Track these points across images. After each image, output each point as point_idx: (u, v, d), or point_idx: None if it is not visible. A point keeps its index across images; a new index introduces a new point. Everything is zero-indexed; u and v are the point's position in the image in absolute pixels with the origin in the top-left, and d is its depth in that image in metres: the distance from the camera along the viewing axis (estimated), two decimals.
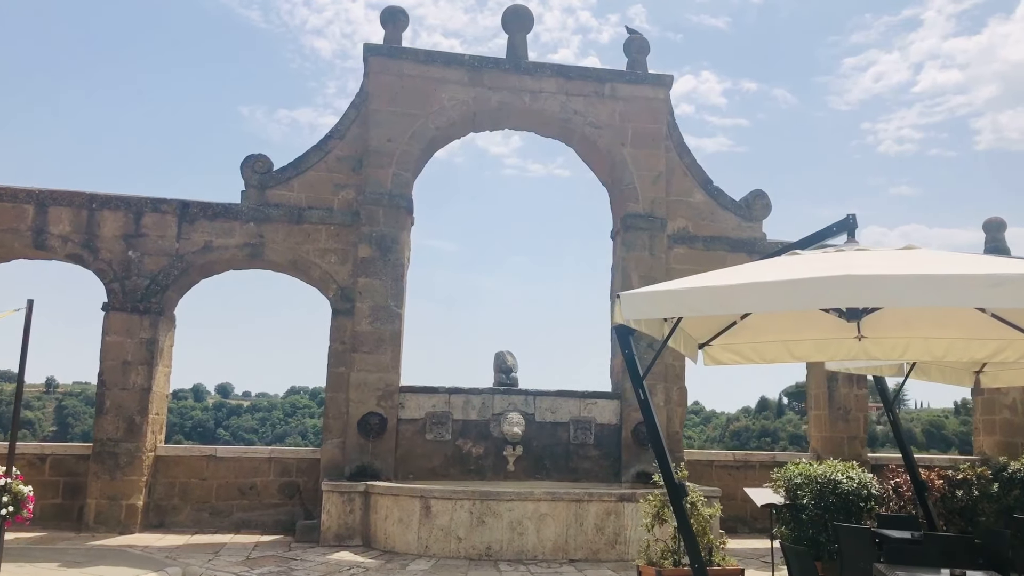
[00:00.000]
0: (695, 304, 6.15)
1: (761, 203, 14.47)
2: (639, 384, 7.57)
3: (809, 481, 9.82)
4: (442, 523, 10.75)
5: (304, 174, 13.38)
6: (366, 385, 12.73)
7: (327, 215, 13.24)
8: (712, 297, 6.04)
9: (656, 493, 9.63)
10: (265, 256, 13.02)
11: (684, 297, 6.19)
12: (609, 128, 14.07)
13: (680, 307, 6.23)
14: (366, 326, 12.88)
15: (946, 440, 75.46)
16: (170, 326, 13.18)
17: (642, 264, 13.75)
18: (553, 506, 10.83)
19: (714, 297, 6.03)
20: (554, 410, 13.38)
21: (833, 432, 14.20)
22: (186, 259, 12.75)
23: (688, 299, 6.16)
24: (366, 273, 13.00)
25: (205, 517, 12.72)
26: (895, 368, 9.97)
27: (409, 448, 12.89)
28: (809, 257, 6.88)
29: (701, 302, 6.12)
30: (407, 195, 13.40)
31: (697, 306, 6.17)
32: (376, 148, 13.36)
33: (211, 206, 12.94)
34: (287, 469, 13.13)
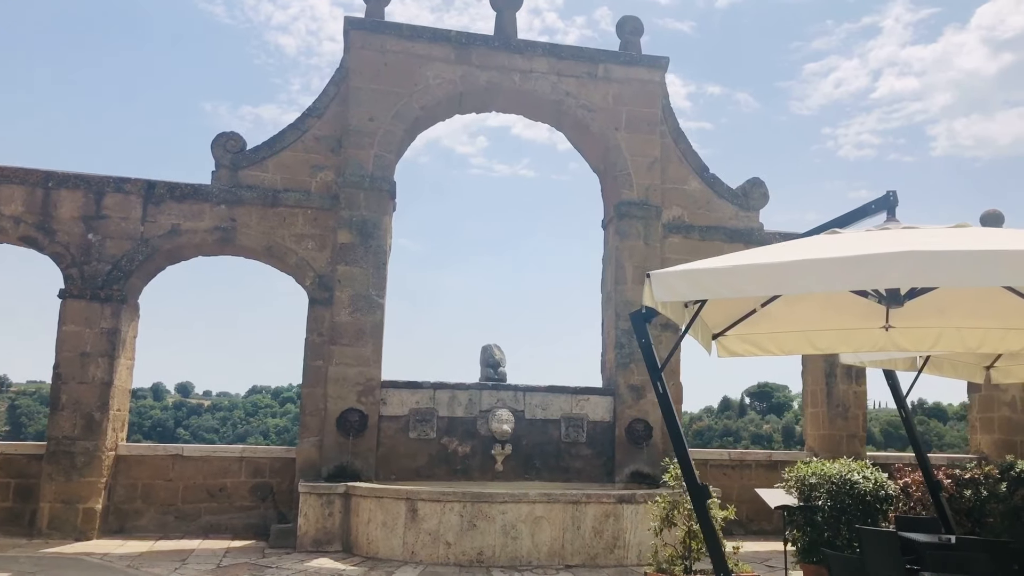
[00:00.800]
0: (738, 283, 5.49)
1: (758, 192, 13.92)
2: (657, 377, 6.95)
3: (824, 481, 9.25)
4: (430, 527, 10.00)
5: (279, 154, 12.53)
6: (345, 380, 11.92)
7: (304, 198, 12.40)
8: (760, 276, 5.38)
9: (664, 494, 8.99)
10: (237, 241, 12.15)
11: (726, 276, 5.53)
12: (602, 111, 13.41)
13: (720, 287, 5.56)
14: (346, 316, 12.07)
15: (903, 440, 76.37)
16: (133, 315, 12.24)
17: (636, 254, 13.11)
18: (549, 508, 10.13)
19: (763, 276, 5.37)
20: (544, 407, 12.69)
21: (832, 430, 13.69)
22: (151, 243, 11.83)
23: (731, 278, 5.50)
24: (346, 260, 12.19)
25: (170, 521, 11.81)
26: (908, 362, 9.49)
27: (391, 447, 12.11)
28: (853, 236, 6.27)
29: (746, 281, 5.46)
30: (390, 178, 12.62)
31: (741, 285, 5.51)
32: (357, 127, 12.56)
33: (179, 187, 12.03)
34: (259, 469, 12.26)
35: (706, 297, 5.79)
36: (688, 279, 5.68)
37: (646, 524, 10.38)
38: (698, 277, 5.65)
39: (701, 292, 5.68)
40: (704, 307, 6.98)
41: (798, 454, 14.44)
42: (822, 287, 5.31)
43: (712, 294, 5.67)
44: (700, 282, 5.62)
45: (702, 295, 5.73)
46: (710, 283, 5.57)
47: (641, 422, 12.61)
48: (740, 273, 5.48)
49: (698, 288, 5.64)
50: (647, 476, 12.46)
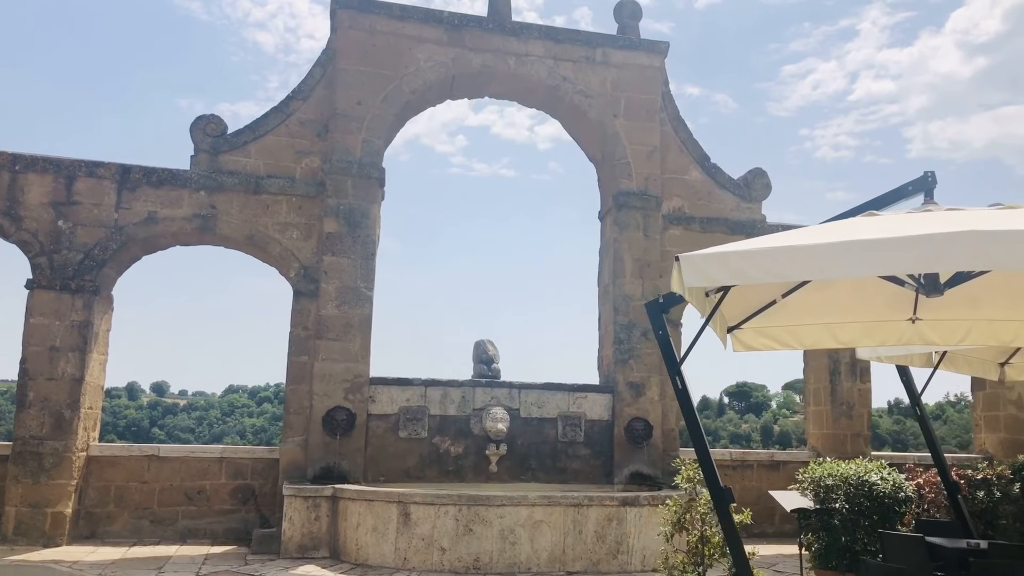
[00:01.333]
0: (777, 267, 4.96)
1: (761, 182, 13.46)
2: (676, 371, 6.45)
3: (842, 482, 8.78)
4: (423, 532, 9.43)
5: (262, 138, 11.89)
6: (332, 376, 11.32)
7: (288, 185, 11.77)
8: (802, 259, 4.86)
9: (675, 497, 8.48)
10: (217, 230, 11.50)
11: (764, 259, 5.00)
12: (600, 97, 12.88)
13: (757, 270, 5.02)
14: (332, 310, 11.46)
15: (880, 439, 76.96)
16: (107, 307, 11.55)
17: (636, 246, 12.60)
18: (549, 512, 9.59)
19: (806, 259, 4.85)
20: (540, 405, 12.14)
21: (836, 429, 13.26)
22: (126, 231, 11.16)
23: (769, 261, 4.97)
24: (332, 250, 11.58)
25: (146, 526, 11.15)
26: (924, 358, 9.08)
27: (380, 447, 11.52)
28: (896, 218, 5.78)
29: (786, 265, 4.94)
30: (378, 164, 12.02)
31: (780, 269, 4.98)
32: (344, 111, 11.95)
33: (156, 171, 11.36)
34: (241, 471, 11.62)
35: (741, 282, 5.27)
36: (721, 262, 5.15)
37: (650, 528, 9.91)
38: (732, 260, 5.13)
39: (735, 276, 5.16)
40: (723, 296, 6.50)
41: (799, 453, 14.03)
42: (874, 270, 4.79)
43: (747, 279, 5.14)
44: (734, 266, 5.10)
45: (736, 280, 5.20)
46: (745, 267, 5.05)
47: (641, 421, 12.10)
48: (780, 256, 4.96)
49: (732, 272, 5.11)
50: (647, 477, 11.96)
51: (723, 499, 6.36)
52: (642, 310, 12.35)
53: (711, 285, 5.40)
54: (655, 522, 9.94)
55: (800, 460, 13.61)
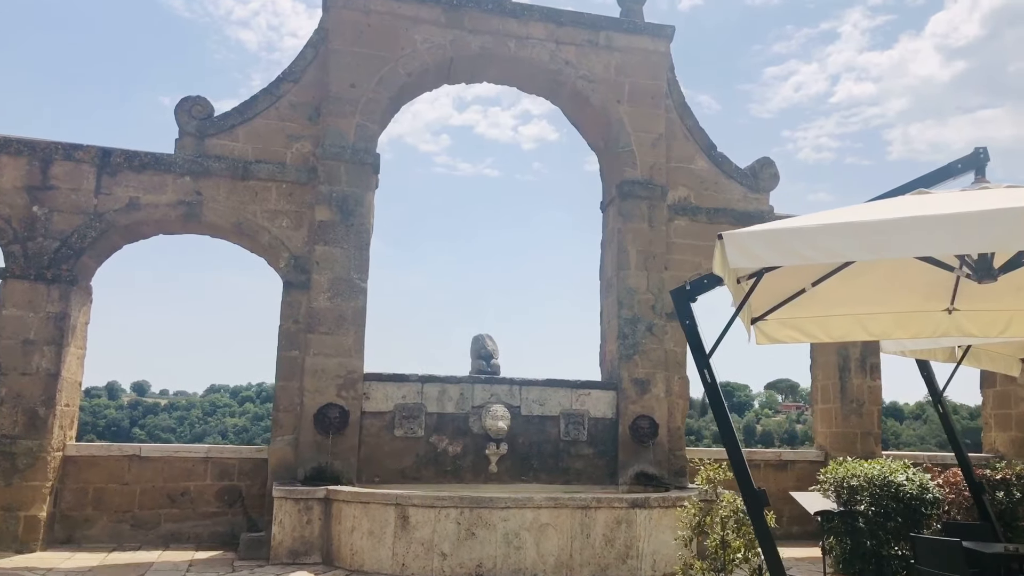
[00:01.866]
0: (835, 245, 4.48)
1: (769, 172, 13.01)
2: (704, 364, 5.96)
3: (867, 484, 8.32)
4: (423, 536, 8.89)
5: (251, 122, 11.30)
6: (324, 372, 10.75)
7: (278, 171, 11.19)
8: (865, 236, 4.38)
9: (692, 499, 8.00)
10: (203, 217, 10.90)
11: (820, 237, 4.51)
12: (604, 83, 12.38)
13: (811, 249, 4.53)
14: (324, 302, 10.90)
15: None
16: (85, 299, 10.93)
17: (640, 237, 12.11)
18: (555, 514, 9.08)
19: (869, 236, 4.37)
20: (542, 402, 11.62)
21: (845, 427, 12.82)
22: (106, 218, 10.54)
23: (826, 239, 4.49)
24: (324, 240, 11.01)
25: (126, 530, 10.53)
26: (947, 352, 8.66)
27: (375, 446, 10.96)
28: (954, 196, 5.32)
29: (845, 242, 4.46)
30: (373, 150, 11.46)
31: (837, 248, 4.50)
32: (337, 94, 11.38)
33: (138, 155, 10.74)
34: (227, 471, 11.03)
35: (791, 262, 4.77)
36: (770, 241, 4.66)
37: (660, 531, 9.43)
38: (782, 239, 4.64)
39: (785, 256, 4.66)
40: None
41: (807, 453, 13.60)
42: (948, 247, 4.33)
43: (799, 258, 4.63)
44: (785, 244, 4.61)
45: (786, 259, 4.70)
46: (797, 245, 4.55)
47: (646, 419, 11.61)
48: (837, 233, 4.47)
49: (782, 251, 4.62)
50: (653, 477, 11.47)
51: (757, 502, 5.88)
52: (647, 303, 11.89)
53: (757, 265, 4.90)
54: (666, 525, 9.48)
55: (808, 459, 13.20)
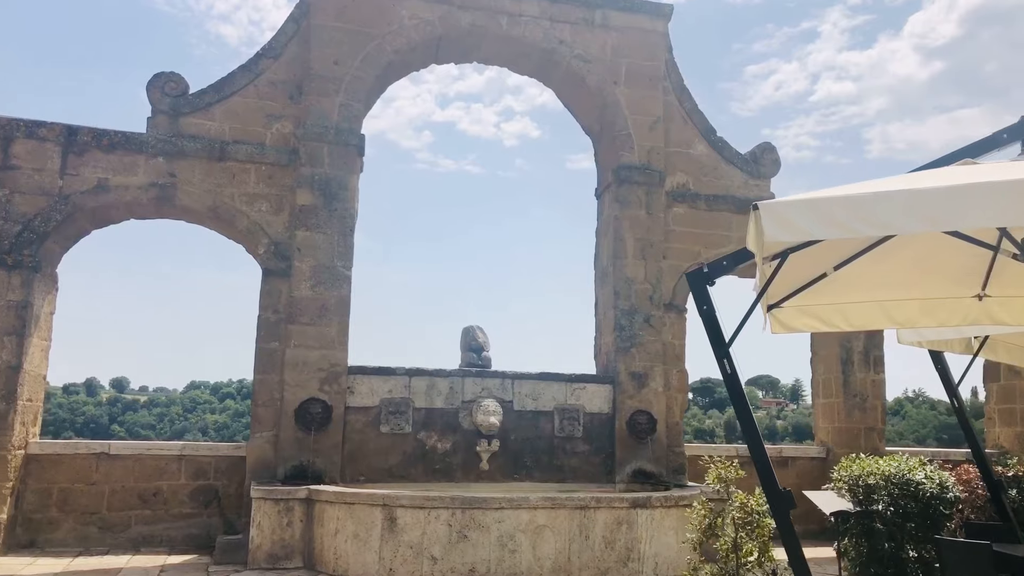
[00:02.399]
0: (890, 216, 3.97)
1: (770, 158, 12.52)
2: (724, 354, 5.45)
3: (885, 482, 7.84)
4: (411, 539, 8.32)
5: (228, 100, 10.66)
6: (306, 364, 10.15)
7: (257, 152, 10.56)
8: (927, 204, 3.86)
9: (702, 499, 7.49)
10: (177, 200, 10.25)
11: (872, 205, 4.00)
12: (600, 63, 11.84)
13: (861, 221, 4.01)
14: (306, 291, 10.29)
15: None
16: (50, 287, 10.26)
17: (638, 225, 11.58)
18: (553, 515, 8.54)
19: (932, 204, 3.85)
20: (536, 396, 11.07)
21: (849, 423, 12.37)
22: (72, 201, 9.87)
23: (881, 209, 3.97)
24: (306, 225, 10.40)
25: (93, 533, 9.89)
26: (963, 343, 8.21)
27: (359, 443, 10.37)
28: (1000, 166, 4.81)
29: (902, 212, 3.94)
30: (357, 131, 10.85)
31: (892, 219, 3.99)
32: (320, 72, 10.76)
33: (107, 134, 10.08)
34: (202, 470, 10.40)
35: (837, 235, 4.22)
36: (813, 212, 4.14)
37: (662, 532, 8.92)
38: (828, 209, 4.11)
39: (830, 228, 4.12)
40: None
41: (808, 449, 13.15)
42: (1015, 218, 3.82)
43: (847, 231, 4.10)
44: (831, 216, 4.08)
45: (831, 232, 4.16)
46: (845, 216, 4.03)
47: (644, 414, 11.09)
48: (893, 203, 3.94)
49: (827, 223, 4.09)
50: (651, 475, 10.96)
51: (783, 503, 5.37)
52: (645, 294, 11.38)
53: (798, 239, 4.37)
54: (668, 526, 8.98)
55: (810, 456, 12.76)
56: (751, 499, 7.02)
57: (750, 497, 7.07)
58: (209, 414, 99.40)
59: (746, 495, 7.09)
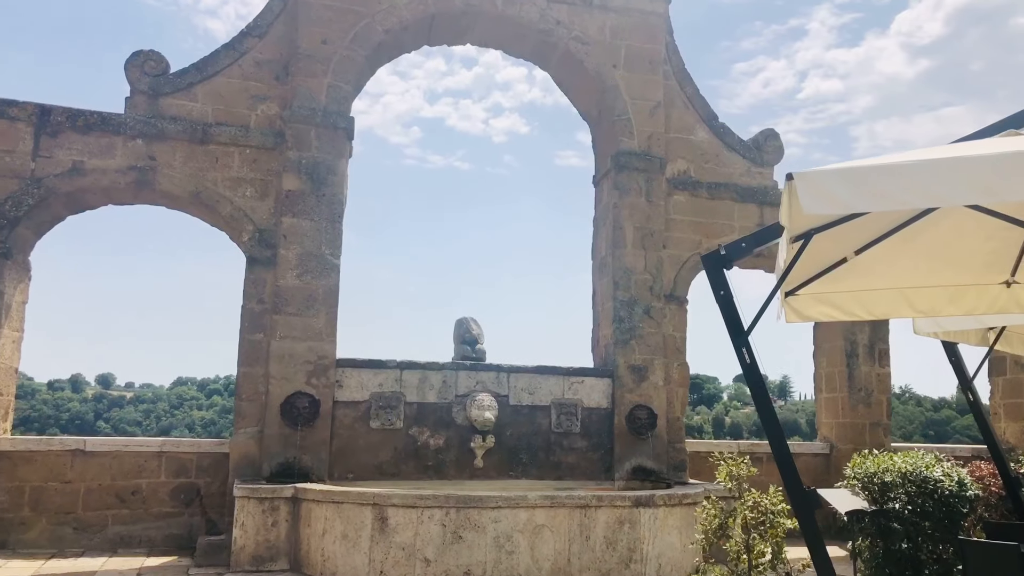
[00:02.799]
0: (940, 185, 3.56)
1: (773, 145, 12.14)
2: (743, 342, 5.06)
3: (902, 479, 7.46)
4: (403, 540, 7.90)
5: (212, 80, 10.19)
6: (292, 357, 9.71)
7: (241, 134, 10.10)
8: (985, 173, 3.47)
9: (712, 498, 7.11)
10: (157, 185, 9.78)
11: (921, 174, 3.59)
12: (598, 45, 11.42)
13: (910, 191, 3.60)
14: (293, 280, 9.84)
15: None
16: (22, 275, 9.76)
17: (637, 213, 11.18)
18: (552, 514, 8.14)
19: (989, 173, 3.46)
20: (532, 391, 10.66)
21: (853, 418, 12.02)
22: (46, 184, 9.38)
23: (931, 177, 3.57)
24: (293, 211, 9.95)
25: (68, 534, 9.42)
26: (979, 335, 7.86)
27: (348, 439, 9.93)
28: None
29: (957, 183, 3.54)
30: (346, 113, 10.41)
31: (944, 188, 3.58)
32: (307, 51, 10.30)
33: (82, 114, 9.59)
34: (184, 467, 9.94)
35: (882, 207, 3.83)
36: (856, 182, 3.72)
37: (666, 532, 8.54)
38: (872, 179, 3.70)
39: (875, 200, 3.71)
40: None
41: (811, 445, 12.79)
42: None
43: (895, 204, 3.70)
44: (876, 186, 3.67)
45: (875, 204, 3.75)
46: (892, 188, 3.62)
47: (644, 409, 10.70)
48: (948, 172, 3.54)
49: (872, 195, 3.68)
50: (651, 472, 10.58)
51: (808, 503, 4.99)
52: (645, 284, 10.98)
53: (838, 211, 3.97)
54: (672, 525, 8.60)
55: (813, 452, 12.40)
56: (765, 498, 6.65)
57: (764, 495, 6.70)
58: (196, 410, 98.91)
59: (760, 493, 6.71)
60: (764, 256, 11.44)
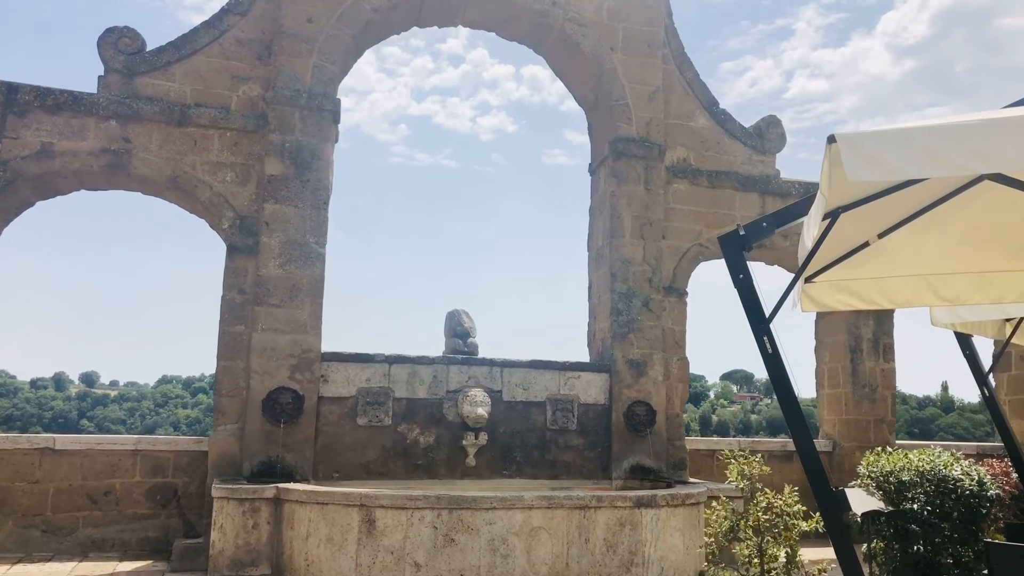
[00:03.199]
0: (1003, 146, 3.15)
1: (775, 132, 11.74)
2: (765, 331, 4.65)
3: (921, 478, 7.06)
4: (392, 543, 7.44)
5: (190, 59, 9.68)
6: (275, 350, 9.22)
7: (222, 116, 9.60)
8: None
9: (722, 498, 6.70)
10: (132, 169, 9.27)
11: (977, 135, 3.18)
12: (595, 27, 10.98)
13: (974, 154, 3.18)
14: (275, 269, 9.36)
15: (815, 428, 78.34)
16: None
17: (636, 201, 10.76)
18: (549, 516, 7.69)
19: None
20: (526, 386, 10.21)
21: (857, 414, 11.65)
22: (12, 167, 8.85)
23: (989, 138, 3.16)
24: (276, 197, 9.46)
25: (36, 536, 8.90)
26: (996, 327, 7.50)
27: (334, 437, 9.46)
28: None
29: (1013, 143, 3.13)
30: (332, 95, 9.92)
31: (1005, 151, 3.16)
32: (291, 30, 9.82)
33: (52, 93, 9.07)
34: (160, 466, 9.44)
35: (937, 174, 3.39)
36: (905, 145, 3.30)
37: (668, 534, 8.10)
38: (924, 142, 3.28)
39: (930, 165, 3.28)
40: None
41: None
42: None
43: (951, 167, 3.26)
44: (929, 149, 3.25)
45: (930, 170, 3.32)
46: (948, 151, 3.20)
47: (642, 405, 10.28)
48: (1012, 131, 3.13)
49: (926, 158, 3.26)
50: (650, 470, 10.16)
51: (835, 505, 4.58)
52: (644, 276, 10.56)
53: (886, 178, 3.55)
54: (674, 527, 8.16)
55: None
56: (779, 498, 6.24)
57: (778, 496, 6.29)
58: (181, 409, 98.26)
59: (774, 493, 6.30)
60: (767, 247, 11.06)
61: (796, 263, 12.59)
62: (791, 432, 4.73)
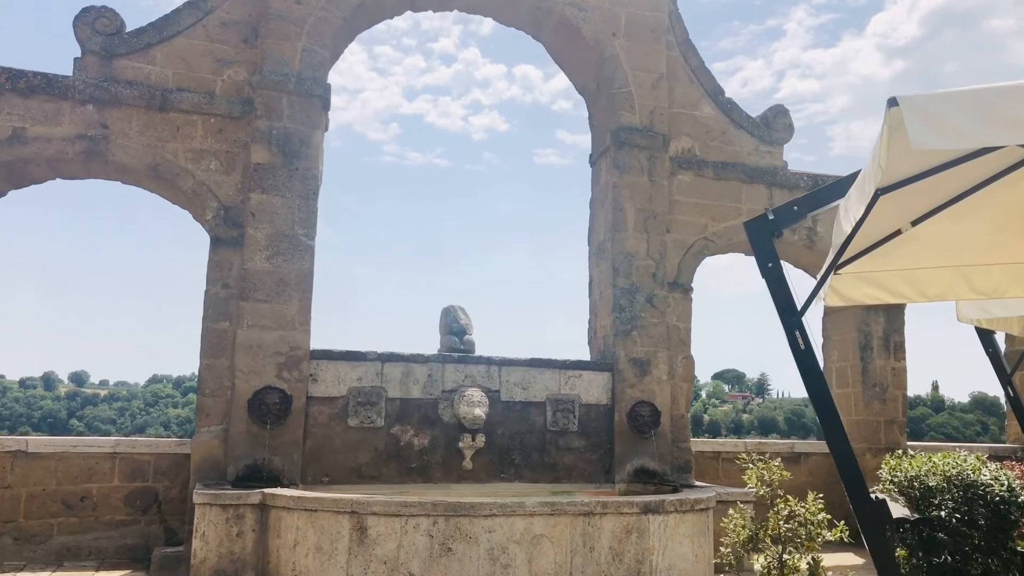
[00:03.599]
0: None
1: (782, 122, 11.32)
2: (796, 324, 4.25)
3: (948, 483, 6.65)
4: (385, 552, 6.99)
5: (172, 41, 9.19)
6: (261, 348, 8.75)
7: (205, 101, 9.12)
8: None
9: (740, 505, 6.26)
10: (110, 156, 8.78)
11: None
12: (597, 12, 10.54)
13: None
14: (262, 262, 8.89)
15: (806, 428, 78.53)
16: None
17: (639, 193, 10.32)
18: (552, 523, 7.25)
19: None
20: (525, 385, 9.76)
21: (867, 415, 11.24)
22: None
23: None
24: (262, 187, 8.99)
25: (7, 545, 8.40)
26: (1021, 324, 7.10)
27: (323, 439, 9.00)
28: None
29: None
30: (322, 80, 9.46)
31: None
32: (279, 11, 9.34)
33: (24, 75, 8.57)
34: (140, 470, 8.96)
35: (1018, 140, 2.96)
36: (981, 108, 2.87)
37: (676, 541, 7.65)
38: (1000, 103, 2.86)
39: (1007, 130, 2.86)
40: None
41: (821, 444, 11.98)
42: None
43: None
44: (1008, 112, 2.83)
45: (1008, 136, 2.90)
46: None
47: (647, 405, 9.84)
48: None
49: (1002, 122, 2.83)
50: (654, 473, 9.73)
51: (877, 517, 4.15)
52: (647, 271, 10.12)
53: (957, 146, 3.12)
54: (683, 534, 7.72)
55: (823, 452, 11.58)
56: (802, 506, 5.81)
57: (800, 503, 5.86)
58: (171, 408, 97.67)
59: (796, 501, 5.87)
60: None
61: (803, 259, 12.11)
62: (825, 436, 4.33)
